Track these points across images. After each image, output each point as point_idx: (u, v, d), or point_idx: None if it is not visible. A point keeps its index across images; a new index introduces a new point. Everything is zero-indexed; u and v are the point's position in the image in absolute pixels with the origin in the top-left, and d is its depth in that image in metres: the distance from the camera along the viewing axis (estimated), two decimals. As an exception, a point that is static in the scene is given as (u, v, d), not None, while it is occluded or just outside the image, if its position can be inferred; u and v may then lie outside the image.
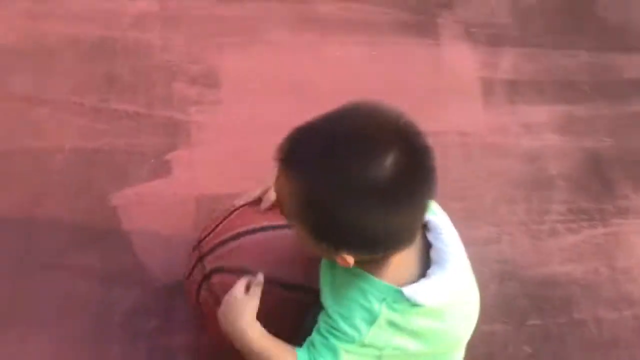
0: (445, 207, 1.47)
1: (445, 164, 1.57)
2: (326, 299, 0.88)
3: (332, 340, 0.84)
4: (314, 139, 0.73)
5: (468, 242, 1.43)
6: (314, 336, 0.88)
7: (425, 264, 0.85)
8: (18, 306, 1.26)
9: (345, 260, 0.77)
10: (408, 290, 0.81)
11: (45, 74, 1.51)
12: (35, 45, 1.55)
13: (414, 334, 0.84)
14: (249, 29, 1.68)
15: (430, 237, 0.85)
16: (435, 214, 0.89)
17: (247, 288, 0.91)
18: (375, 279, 0.82)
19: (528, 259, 1.47)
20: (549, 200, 1.56)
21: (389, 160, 0.69)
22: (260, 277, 0.91)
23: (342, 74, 1.66)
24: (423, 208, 0.76)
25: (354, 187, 0.70)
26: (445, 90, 1.70)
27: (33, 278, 1.29)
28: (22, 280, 1.28)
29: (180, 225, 1.35)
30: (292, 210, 0.77)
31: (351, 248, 0.76)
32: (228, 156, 1.47)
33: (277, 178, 0.78)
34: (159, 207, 1.39)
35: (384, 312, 0.82)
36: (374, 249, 0.76)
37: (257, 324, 0.89)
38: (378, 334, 0.83)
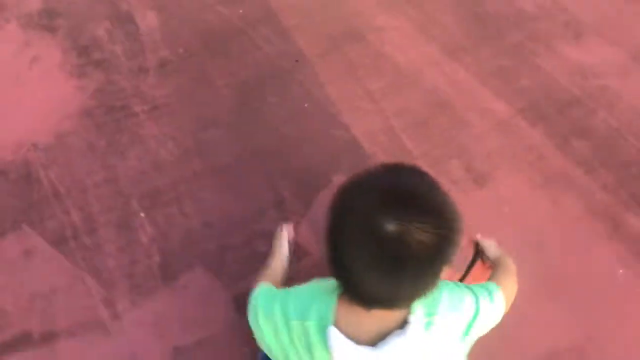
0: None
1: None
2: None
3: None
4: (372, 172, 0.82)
5: None
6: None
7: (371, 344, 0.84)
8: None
9: None
10: (334, 331, 0.83)
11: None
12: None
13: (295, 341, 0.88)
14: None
15: (397, 334, 0.83)
16: (429, 332, 0.85)
17: None
18: (330, 301, 0.86)
19: None
20: None
21: (392, 226, 0.73)
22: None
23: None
24: (386, 283, 0.76)
25: (354, 218, 0.77)
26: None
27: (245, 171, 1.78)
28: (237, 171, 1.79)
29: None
30: None
31: (326, 249, 0.82)
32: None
33: None
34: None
35: (293, 323, 0.89)
36: (331, 267, 0.82)
37: None
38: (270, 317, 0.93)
